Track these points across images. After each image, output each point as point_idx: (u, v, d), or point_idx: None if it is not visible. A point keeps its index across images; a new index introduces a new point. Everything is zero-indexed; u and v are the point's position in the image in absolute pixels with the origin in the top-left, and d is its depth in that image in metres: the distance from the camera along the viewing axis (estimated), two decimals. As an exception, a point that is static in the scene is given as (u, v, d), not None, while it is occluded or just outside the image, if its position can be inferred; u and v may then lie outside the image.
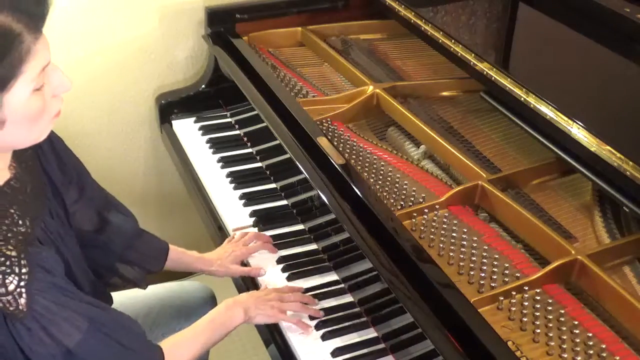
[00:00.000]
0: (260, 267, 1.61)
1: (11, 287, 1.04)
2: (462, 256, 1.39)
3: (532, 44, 1.81)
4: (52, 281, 1.11)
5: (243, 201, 1.80)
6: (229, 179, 1.88)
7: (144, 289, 1.59)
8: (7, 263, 1.04)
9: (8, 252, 1.05)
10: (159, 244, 1.58)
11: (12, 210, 1.11)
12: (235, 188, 1.85)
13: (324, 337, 1.43)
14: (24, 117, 1.06)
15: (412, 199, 1.54)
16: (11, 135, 1.08)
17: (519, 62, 1.73)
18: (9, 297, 1.04)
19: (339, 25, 2.16)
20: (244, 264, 1.64)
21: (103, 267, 1.47)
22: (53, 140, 1.32)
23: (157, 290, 1.67)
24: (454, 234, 1.44)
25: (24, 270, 1.05)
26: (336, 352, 1.40)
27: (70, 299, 1.13)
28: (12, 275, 1.04)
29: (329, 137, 1.65)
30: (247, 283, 1.61)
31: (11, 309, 1.05)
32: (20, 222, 1.11)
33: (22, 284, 1.05)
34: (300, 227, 1.72)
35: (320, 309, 1.49)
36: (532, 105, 1.48)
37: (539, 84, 1.53)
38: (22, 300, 1.05)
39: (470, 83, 1.77)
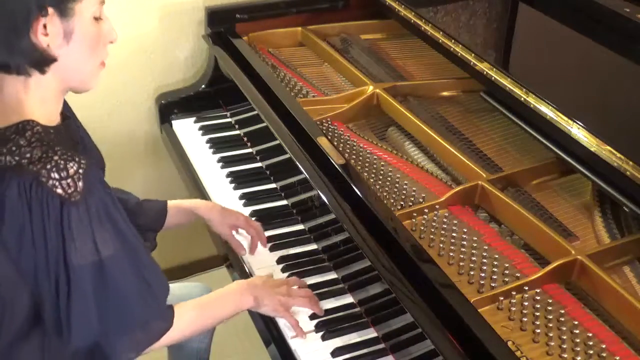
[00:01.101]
0: (243, 247, 1.63)
1: (72, 171, 1.13)
2: (462, 256, 1.39)
3: (532, 44, 1.81)
4: (105, 184, 1.21)
5: (243, 201, 1.80)
6: (229, 179, 1.88)
7: (153, 249, 1.60)
8: (69, 154, 1.15)
9: (69, 149, 1.17)
10: (157, 203, 1.62)
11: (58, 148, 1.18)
12: (235, 188, 1.85)
13: (324, 337, 1.43)
14: (86, 36, 1.20)
15: (412, 199, 1.54)
16: (70, 56, 1.19)
17: (519, 62, 1.73)
18: (69, 180, 1.13)
19: (339, 25, 2.16)
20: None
21: None
22: (80, 125, 1.44)
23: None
24: (454, 234, 1.44)
25: (83, 161, 1.15)
26: (336, 352, 1.40)
27: (118, 213, 1.21)
28: (73, 162, 1.14)
29: (329, 137, 1.65)
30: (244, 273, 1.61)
31: (70, 190, 1.13)
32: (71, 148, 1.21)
33: (80, 171, 1.14)
34: (300, 227, 1.72)
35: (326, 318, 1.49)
36: (532, 105, 1.48)
37: (539, 84, 1.53)
38: (80, 184, 1.14)
39: (470, 83, 1.77)
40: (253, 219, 1.74)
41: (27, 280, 1.17)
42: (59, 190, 1.12)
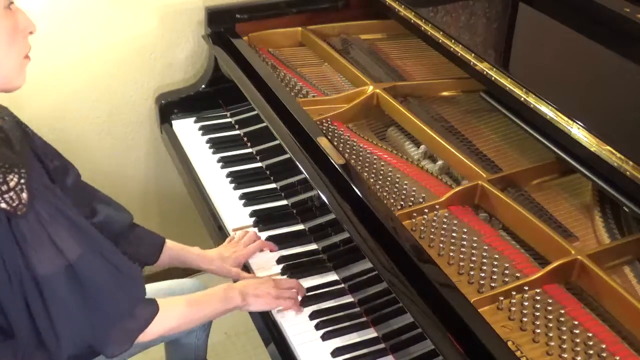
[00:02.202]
0: (255, 276, 1.60)
1: (12, 184, 1.08)
2: (462, 256, 1.39)
3: (532, 44, 1.81)
4: (50, 187, 1.15)
5: (243, 201, 1.80)
6: (229, 179, 1.88)
7: None
8: (7, 165, 1.09)
9: (7, 160, 1.10)
10: (153, 238, 1.59)
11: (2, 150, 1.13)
12: (235, 188, 1.85)
13: (324, 337, 1.43)
14: (0, 29, 1.10)
15: (412, 199, 1.54)
16: None
17: (519, 62, 1.73)
18: (12, 194, 1.08)
19: (339, 25, 2.16)
20: (245, 265, 1.64)
21: None
22: (33, 132, 1.35)
23: (155, 288, 1.67)
24: (454, 234, 1.44)
25: (23, 170, 1.10)
26: (336, 352, 1.40)
27: (69, 210, 1.16)
28: (12, 174, 1.09)
29: (329, 137, 1.65)
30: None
31: (14, 204, 1.08)
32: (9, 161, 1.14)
33: (22, 181, 1.09)
34: (300, 227, 1.72)
35: (320, 309, 1.49)
36: (532, 105, 1.48)
37: (539, 84, 1.53)
38: (24, 195, 1.09)
39: (470, 83, 1.77)
40: (253, 219, 1.74)
41: None
42: (3, 205, 1.08)
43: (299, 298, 1.50)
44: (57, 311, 1.14)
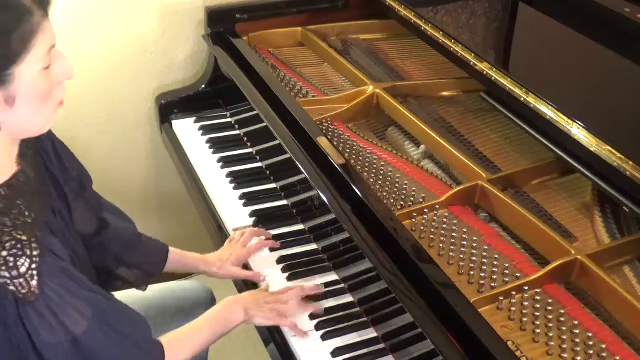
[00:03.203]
0: (260, 273, 1.60)
1: (23, 270, 1.05)
2: (462, 256, 1.39)
3: (532, 44, 1.81)
4: (61, 266, 1.12)
5: (243, 201, 1.80)
6: (229, 179, 1.88)
7: (144, 290, 1.59)
8: (19, 246, 1.05)
9: (18, 237, 1.06)
10: (158, 247, 1.58)
11: (19, 202, 1.11)
12: (235, 188, 1.85)
13: (324, 337, 1.43)
14: (33, 94, 1.07)
15: (412, 199, 1.54)
16: (20, 116, 1.07)
17: (519, 62, 1.73)
18: (21, 280, 1.05)
19: (339, 25, 2.16)
20: (245, 265, 1.64)
21: (102, 269, 1.47)
22: (54, 141, 1.33)
23: (156, 290, 1.67)
24: (454, 234, 1.44)
25: (35, 253, 1.06)
26: (336, 352, 1.40)
27: (77, 286, 1.14)
28: (24, 258, 1.05)
29: (329, 137, 1.65)
30: (248, 284, 1.61)
31: (23, 291, 1.05)
32: (27, 213, 1.11)
33: (33, 266, 1.05)
34: (300, 227, 1.72)
35: (321, 309, 1.49)
36: (532, 105, 1.48)
37: (539, 84, 1.53)
38: (34, 283, 1.05)
39: (470, 83, 1.77)
40: (253, 219, 1.74)
41: None
42: (12, 288, 1.05)
43: (312, 323, 1.46)
44: None
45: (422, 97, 1.87)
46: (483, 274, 1.35)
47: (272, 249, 1.66)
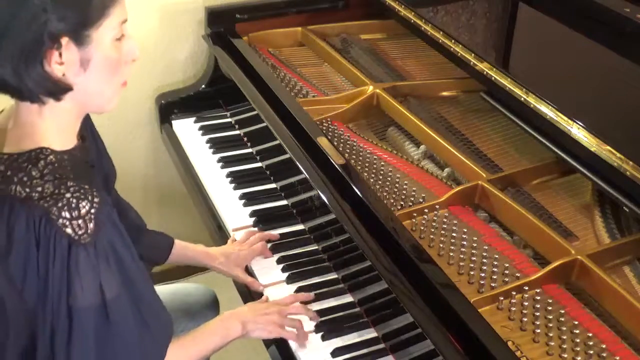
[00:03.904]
0: (260, 284, 1.59)
1: (83, 211, 1.09)
2: (462, 256, 1.39)
3: (532, 44, 1.81)
4: (116, 222, 1.16)
5: (243, 201, 1.80)
6: (229, 179, 1.88)
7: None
8: (82, 191, 1.10)
9: (82, 184, 1.11)
10: (163, 238, 1.60)
11: (79, 170, 1.16)
12: (235, 188, 1.85)
13: (324, 337, 1.43)
14: (105, 62, 1.14)
15: (412, 199, 1.54)
16: (90, 82, 1.13)
17: (519, 62, 1.73)
18: (80, 221, 1.09)
19: (339, 25, 2.16)
20: (248, 270, 1.63)
21: None
22: (97, 137, 1.39)
23: (159, 292, 1.66)
24: (454, 234, 1.44)
25: (96, 200, 1.11)
26: (336, 352, 1.40)
27: (126, 251, 1.17)
28: (86, 201, 1.10)
29: (329, 137, 1.65)
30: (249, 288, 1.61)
31: (80, 232, 1.09)
32: (85, 179, 1.16)
33: (92, 210, 1.10)
34: (300, 227, 1.72)
35: (321, 309, 1.49)
36: (532, 105, 1.48)
37: (539, 84, 1.53)
38: (91, 225, 1.10)
39: (470, 83, 1.77)
40: (253, 219, 1.74)
41: (27, 314, 1.14)
42: (69, 230, 1.08)
43: (312, 322, 1.46)
44: (77, 344, 1.13)
45: (422, 97, 1.87)
46: (483, 274, 1.35)
47: (272, 249, 1.65)
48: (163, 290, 1.69)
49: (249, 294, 1.59)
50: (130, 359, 1.21)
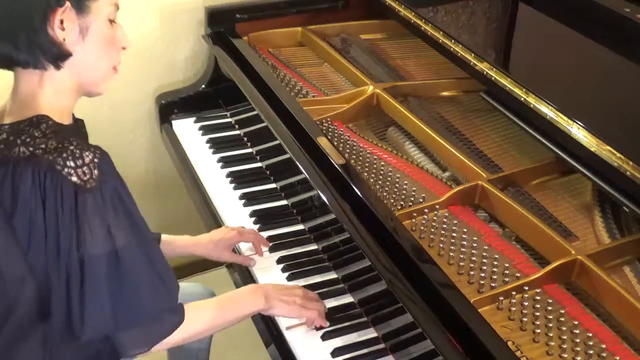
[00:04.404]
0: (250, 257, 1.61)
1: (87, 160, 1.14)
2: (462, 256, 1.39)
3: (532, 44, 1.81)
4: (120, 177, 1.21)
5: (243, 201, 1.80)
6: (229, 179, 1.88)
7: None
8: (84, 144, 1.17)
9: (83, 143, 1.18)
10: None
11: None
12: (235, 188, 1.85)
13: (324, 337, 1.43)
14: (101, 35, 1.22)
15: (412, 199, 1.54)
16: (86, 54, 1.21)
17: (519, 62, 1.73)
18: (84, 168, 1.14)
19: (339, 25, 2.16)
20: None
21: None
22: None
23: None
24: (454, 234, 1.44)
25: (98, 151, 1.17)
26: (336, 352, 1.40)
27: (131, 204, 1.21)
28: (89, 151, 1.15)
29: (329, 137, 1.65)
30: (246, 281, 1.61)
31: (85, 178, 1.13)
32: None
33: (96, 160, 1.15)
34: (300, 227, 1.72)
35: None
36: (532, 105, 1.48)
37: (539, 84, 1.53)
38: (96, 172, 1.15)
39: (470, 83, 1.77)
40: (252, 219, 1.74)
41: (35, 274, 1.17)
42: (74, 178, 1.13)
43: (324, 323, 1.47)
44: (90, 293, 1.16)
45: (422, 97, 1.87)
46: (483, 274, 1.35)
47: (272, 249, 1.66)
48: None
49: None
50: (144, 304, 1.24)
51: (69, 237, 1.14)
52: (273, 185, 1.85)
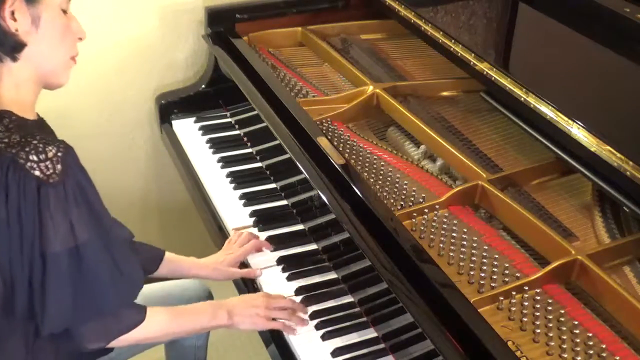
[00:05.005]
0: (255, 270, 1.61)
1: (50, 154, 1.14)
2: (462, 256, 1.39)
3: (532, 44, 1.81)
4: (84, 170, 1.20)
5: (243, 201, 1.80)
6: (229, 179, 1.88)
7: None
8: (48, 139, 1.16)
9: (49, 136, 1.18)
10: (153, 249, 1.59)
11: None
12: (235, 188, 1.85)
13: (324, 337, 1.43)
14: (54, 23, 1.22)
15: (412, 199, 1.54)
16: (41, 44, 1.21)
17: (519, 62, 1.73)
18: (47, 163, 1.14)
19: (339, 25, 2.16)
20: (244, 264, 1.64)
21: None
22: None
23: (154, 289, 1.67)
24: (454, 234, 1.44)
25: (62, 145, 1.17)
26: (336, 352, 1.40)
27: (95, 198, 1.21)
28: (52, 146, 1.15)
29: (329, 137, 1.65)
30: (247, 283, 1.61)
31: (48, 172, 1.14)
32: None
33: (59, 154, 1.15)
34: (300, 227, 1.72)
35: (320, 309, 1.49)
36: (532, 105, 1.48)
37: (539, 84, 1.53)
38: (59, 167, 1.15)
39: (470, 83, 1.77)
40: (252, 219, 1.74)
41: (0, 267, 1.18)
42: (37, 172, 1.13)
43: (304, 316, 1.47)
44: (52, 287, 1.18)
45: (422, 97, 1.87)
46: (483, 274, 1.35)
47: (272, 249, 1.65)
48: (157, 287, 1.68)
49: (246, 287, 1.60)
50: (103, 299, 1.25)
51: (32, 232, 1.14)
52: (273, 185, 1.85)
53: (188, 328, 1.43)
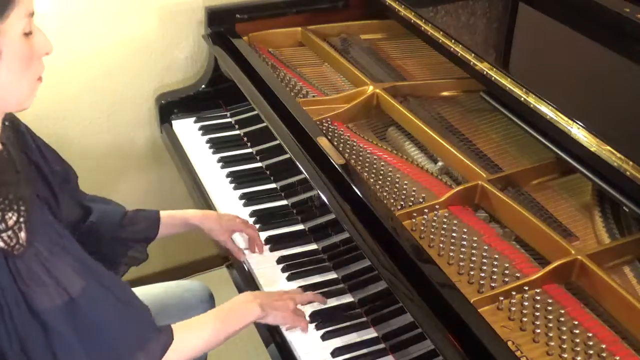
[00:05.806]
0: (243, 252, 1.62)
1: (11, 222, 1.06)
2: (462, 256, 1.39)
3: (532, 44, 1.81)
4: (51, 222, 1.13)
5: (243, 201, 1.80)
6: (229, 179, 1.88)
7: (146, 259, 1.58)
8: (6, 202, 1.06)
9: (5, 195, 1.07)
10: (147, 212, 1.58)
11: (4, 177, 1.11)
12: (235, 188, 1.85)
13: (324, 337, 1.43)
14: (16, 55, 1.09)
15: (412, 199, 1.54)
16: (3, 77, 1.09)
17: (519, 62, 1.73)
18: (9, 232, 1.05)
19: (339, 25, 2.16)
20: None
21: (102, 256, 1.46)
22: (33, 136, 1.33)
23: (154, 290, 1.67)
24: (454, 234, 1.44)
25: (22, 208, 1.07)
26: (336, 352, 1.40)
27: (71, 245, 1.14)
28: (11, 212, 1.06)
29: (329, 137, 1.65)
30: (246, 281, 1.61)
31: (12, 243, 1.06)
32: (12, 187, 1.11)
33: (21, 219, 1.07)
34: (300, 227, 1.72)
35: (321, 309, 1.50)
36: (532, 105, 1.48)
37: (539, 84, 1.53)
38: (22, 235, 1.07)
39: (470, 83, 1.77)
40: (252, 219, 1.74)
41: None
42: (0, 244, 1.05)
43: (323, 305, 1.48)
44: (60, 346, 1.11)
45: (422, 97, 1.87)
46: (483, 274, 1.35)
47: (272, 249, 1.66)
48: (158, 288, 1.69)
49: (245, 286, 1.60)
50: (122, 340, 1.18)
51: (13, 297, 1.08)
52: (273, 185, 1.85)
53: (233, 330, 1.36)
